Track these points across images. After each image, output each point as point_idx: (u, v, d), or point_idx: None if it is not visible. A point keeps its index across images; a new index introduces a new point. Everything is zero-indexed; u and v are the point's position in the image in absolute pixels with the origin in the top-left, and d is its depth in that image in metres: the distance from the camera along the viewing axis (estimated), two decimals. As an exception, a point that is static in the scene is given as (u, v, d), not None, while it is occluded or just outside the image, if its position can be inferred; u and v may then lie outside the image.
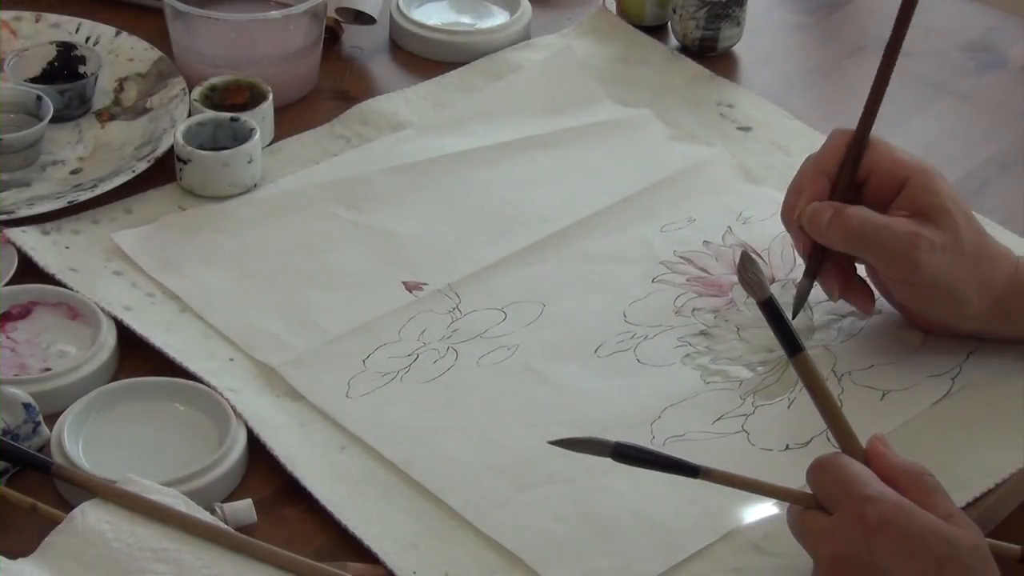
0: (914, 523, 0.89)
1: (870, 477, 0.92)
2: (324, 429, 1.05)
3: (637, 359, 1.12)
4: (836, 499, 0.91)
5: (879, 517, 0.89)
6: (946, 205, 1.08)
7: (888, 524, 0.89)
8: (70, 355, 1.08)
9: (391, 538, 0.98)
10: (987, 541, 0.91)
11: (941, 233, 1.07)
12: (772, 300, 0.95)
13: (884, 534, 0.89)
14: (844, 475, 0.92)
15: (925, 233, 1.06)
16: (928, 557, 0.88)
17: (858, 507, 0.90)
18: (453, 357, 1.11)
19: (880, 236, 1.07)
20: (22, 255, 1.15)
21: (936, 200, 1.08)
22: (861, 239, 1.08)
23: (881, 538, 0.88)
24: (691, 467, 0.93)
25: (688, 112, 1.36)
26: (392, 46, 1.43)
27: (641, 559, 0.98)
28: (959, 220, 1.08)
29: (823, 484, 0.93)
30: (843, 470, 0.92)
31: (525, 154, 1.29)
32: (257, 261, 1.18)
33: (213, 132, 1.24)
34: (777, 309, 0.95)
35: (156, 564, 0.92)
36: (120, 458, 1.01)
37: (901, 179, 1.09)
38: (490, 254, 1.19)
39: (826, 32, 1.49)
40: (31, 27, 1.36)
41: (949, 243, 1.07)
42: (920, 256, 1.06)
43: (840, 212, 1.08)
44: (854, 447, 0.95)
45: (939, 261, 1.06)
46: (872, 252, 1.08)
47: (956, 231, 1.07)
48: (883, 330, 1.14)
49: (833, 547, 0.90)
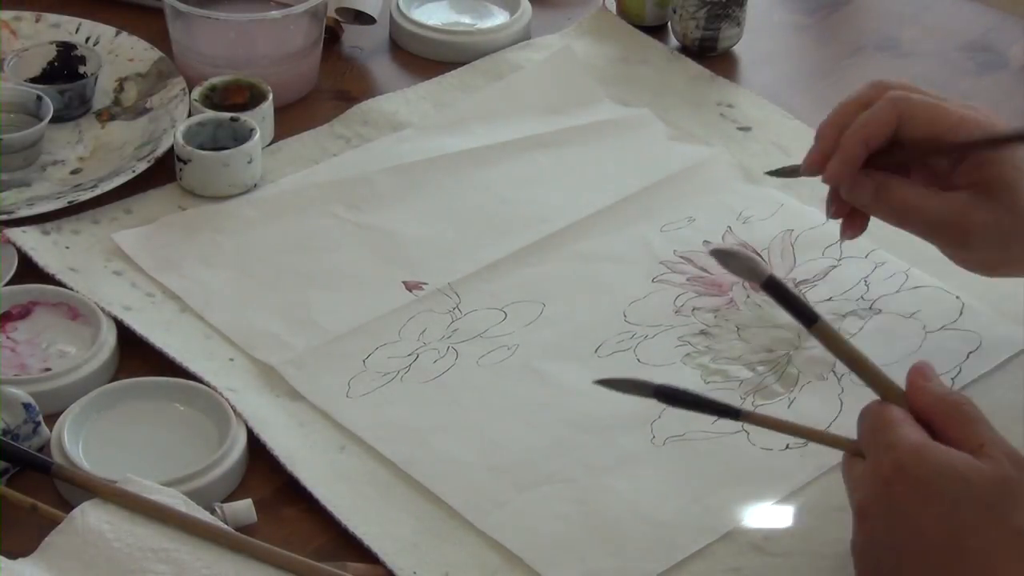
0: (928, 466, 0.86)
1: (898, 422, 0.89)
2: (324, 429, 1.05)
3: (637, 359, 1.12)
4: (866, 447, 0.90)
5: (893, 464, 0.87)
6: (1006, 177, 1.01)
7: (902, 471, 0.86)
8: (70, 355, 1.08)
9: (391, 538, 0.98)
10: None
11: (997, 210, 1.01)
12: (773, 279, 0.93)
13: (900, 481, 0.86)
14: (873, 422, 0.90)
15: (979, 215, 1.02)
16: (943, 500, 0.85)
17: (878, 455, 0.88)
18: (453, 357, 1.11)
19: (928, 218, 1.03)
20: (22, 255, 1.15)
21: (996, 171, 1.01)
22: (906, 218, 1.04)
23: (897, 485, 0.86)
24: (732, 409, 0.92)
25: (688, 112, 1.36)
26: (392, 46, 1.43)
27: (641, 559, 0.98)
28: (1020, 192, 1.01)
29: (860, 432, 0.91)
30: (874, 417, 0.90)
31: (525, 154, 1.29)
32: (257, 261, 1.18)
33: (213, 132, 1.24)
34: (782, 287, 0.93)
35: (156, 564, 0.92)
36: (120, 458, 1.01)
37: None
38: (490, 254, 1.19)
39: (826, 32, 1.49)
40: (31, 27, 1.36)
41: (1007, 220, 1.01)
42: (972, 238, 1.03)
43: (884, 187, 1.03)
44: (892, 393, 0.93)
45: (994, 238, 1.02)
46: (918, 231, 1.05)
47: (1016, 206, 1.01)
48: (883, 330, 1.14)
49: (861, 495, 0.89)
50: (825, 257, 1.21)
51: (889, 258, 1.20)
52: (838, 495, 1.02)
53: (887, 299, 1.17)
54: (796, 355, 1.12)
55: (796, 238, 1.22)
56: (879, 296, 1.16)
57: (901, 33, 1.47)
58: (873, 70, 1.43)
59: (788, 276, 1.19)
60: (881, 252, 1.20)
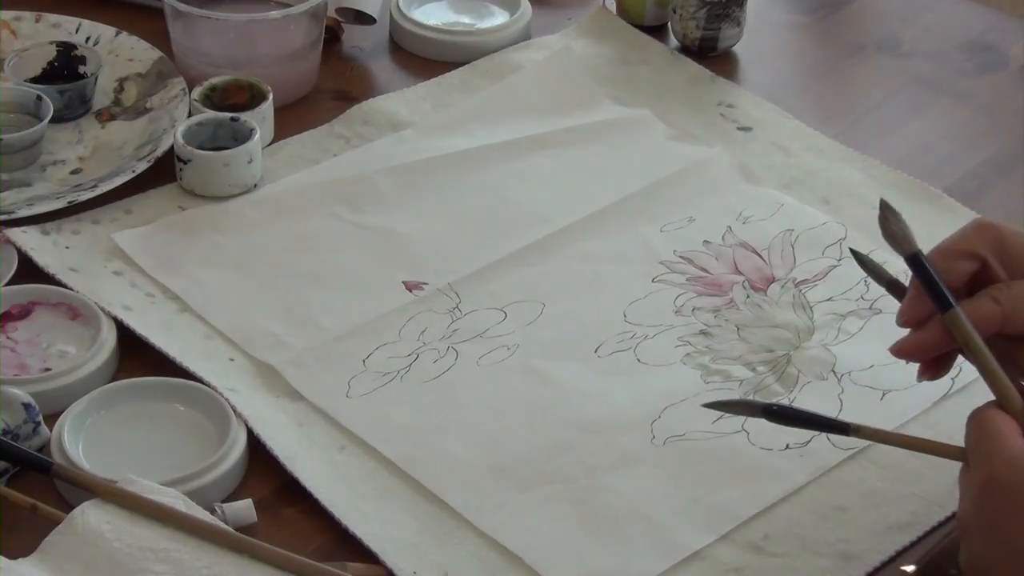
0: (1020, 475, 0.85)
1: (1001, 432, 0.87)
2: (324, 429, 1.05)
3: (637, 359, 1.12)
4: (970, 455, 0.89)
5: (988, 476, 0.86)
6: None
7: (995, 482, 0.85)
8: (70, 355, 1.08)
9: (391, 538, 0.98)
10: None
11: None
12: (920, 255, 0.91)
13: (992, 493, 0.85)
14: (979, 433, 0.88)
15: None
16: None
17: (978, 467, 0.87)
18: (453, 357, 1.11)
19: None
20: (22, 255, 1.15)
21: None
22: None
23: (989, 497, 0.85)
24: (842, 425, 0.92)
25: (688, 112, 1.36)
26: (392, 46, 1.43)
27: (641, 559, 0.98)
28: None
29: (967, 440, 0.89)
30: (978, 424, 0.89)
31: (525, 154, 1.29)
32: (257, 261, 1.18)
33: (213, 132, 1.24)
34: (925, 265, 0.91)
35: (156, 564, 0.92)
36: (120, 458, 1.01)
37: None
38: (490, 254, 1.19)
39: (826, 32, 1.49)
40: (31, 27, 1.36)
41: None
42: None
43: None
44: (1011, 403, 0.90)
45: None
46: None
47: None
48: (883, 330, 1.14)
49: (962, 509, 0.88)
50: (825, 257, 1.21)
51: (889, 258, 1.19)
52: (838, 495, 1.02)
53: (887, 299, 1.16)
54: (796, 355, 1.12)
55: (796, 238, 1.22)
56: (879, 296, 1.16)
57: (901, 33, 1.47)
58: (873, 70, 1.43)
59: (787, 276, 1.19)
60: (881, 252, 1.20)
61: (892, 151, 1.32)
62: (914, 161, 1.31)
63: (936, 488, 1.02)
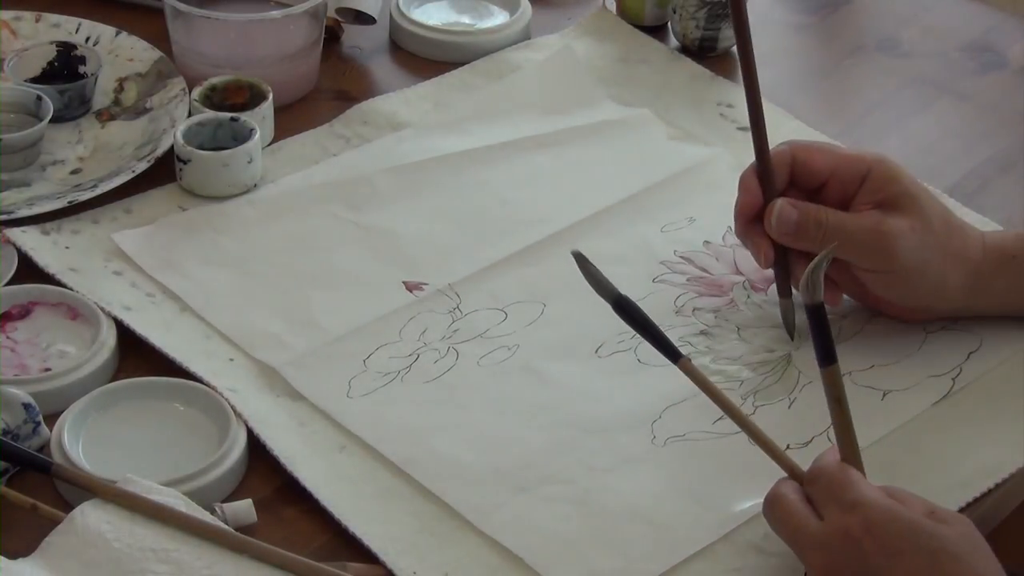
0: (900, 522, 0.90)
1: (859, 481, 0.93)
2: (324, 429, 1.05)
3: (637, 359, 1.12)
4: (824, 505, 0.92)
5: (863, 523, 0.90)
6: (910, 190, 1.09)
7: (875, 527, 0.90)
8: (70, 355, 1.08)
9: (391, 538, 0.98)
10: None
11: (910, 218, 1.08)
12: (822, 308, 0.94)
13: (873, 538, 0.89)
14: (831, 481, 0.93)
15: (895, 222, 1.08)
16: (921, 553, 0.89)
17: (842, 514, 0.91)
18: (454, 357, 1.11)
19: (849, 233, 1.08)
20: (22, 255, 1.15)
21: (900, 187, 1.09)
22: (829, 238, 1.08)
23: (870, 542, 0.89)
24: (675, 352, 0.96)
25: (688, 112, 1.36)
26: (392, 46, 1.43)
27: (641, 559, 0.98)
28: (925, 202, 1.09)
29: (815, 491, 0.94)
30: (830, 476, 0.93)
31: (525, 154, 1.29)
32: (257, 261, 1.18)
33: (213, 132, 1.24)
34: (823, 317, 0.95)
35: (156, 564, 0.92)
36: (120, 458, 1.01)
37: (861, 173, 1.10)
38: (490, 254, 1.19)
39: (826, 32, 1.49)
40: (31, 27, 1.36)
41: (919, 226, 1.08)
42: (895, 244, 1.07)
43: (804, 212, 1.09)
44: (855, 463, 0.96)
45: (913, 245, 1.08)
46: (846, 249, 1.08)
47: (924, 213, 1.09)
48: (883, 330, 1.14)
49: (825, 557, 0.91)
50: (825, 257, 1.21)
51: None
52: (838, 495, 1.02)
53: (887, 299, 1.17)
54: (796, 355, 1.12)
55: (796, 238, 1.22)
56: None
57: (901, 33, 1.47)
58: (873, 70, 1.43)
59: (788, 276, 1.19)
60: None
61: (892, 151, 1.32)
62: (914, 161, 1.31)
63: (936, 488, 1.02)
